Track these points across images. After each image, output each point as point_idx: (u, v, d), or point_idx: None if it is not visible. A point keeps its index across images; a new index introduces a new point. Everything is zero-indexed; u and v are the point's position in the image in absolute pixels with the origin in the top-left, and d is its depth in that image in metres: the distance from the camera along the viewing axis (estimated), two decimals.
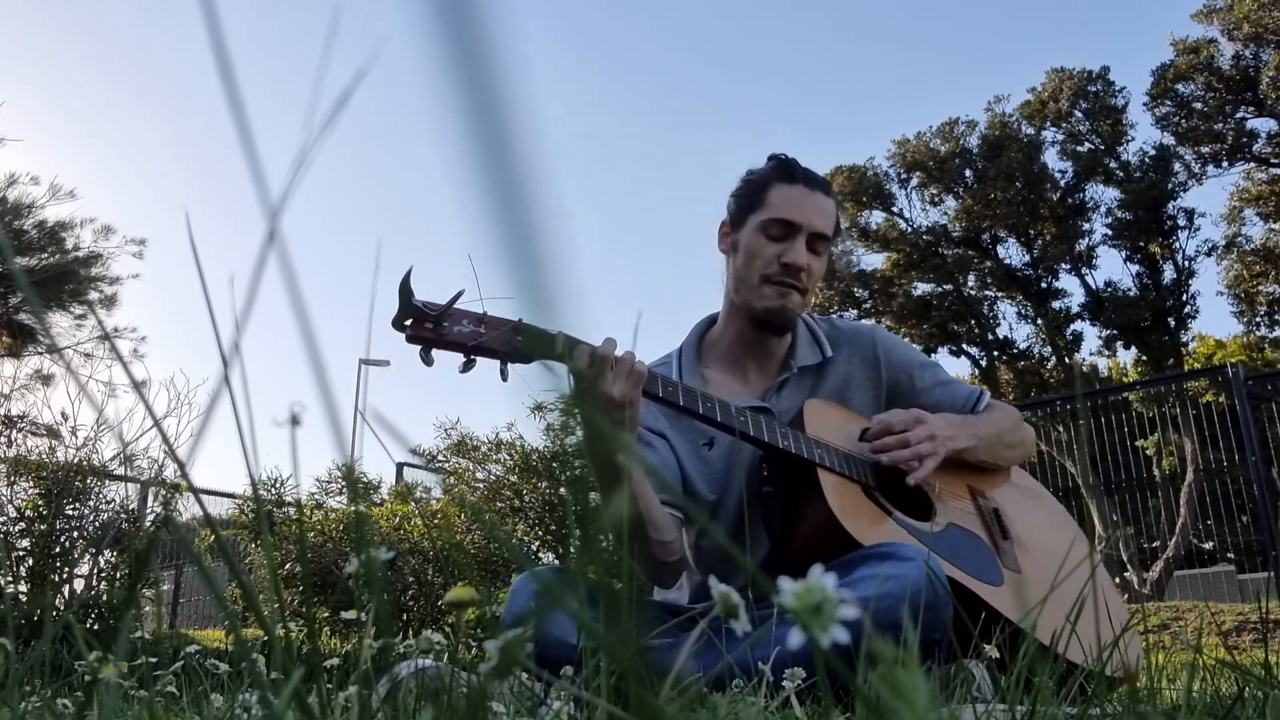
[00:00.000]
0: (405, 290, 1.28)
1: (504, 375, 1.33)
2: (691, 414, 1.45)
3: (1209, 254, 16.40)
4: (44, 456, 4.00)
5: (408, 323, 1.28)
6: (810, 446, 1.53)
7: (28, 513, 3.86)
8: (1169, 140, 16.34)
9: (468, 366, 1.31)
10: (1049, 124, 17.34)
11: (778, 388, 1.72)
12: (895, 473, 1.62)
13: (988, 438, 1.73)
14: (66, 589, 3.87)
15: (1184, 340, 16.76)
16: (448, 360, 1.31)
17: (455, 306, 1.30)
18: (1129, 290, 16.88)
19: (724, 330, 1.78)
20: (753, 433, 1.48)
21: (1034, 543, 1.73)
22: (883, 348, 1.78)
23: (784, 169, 1.70)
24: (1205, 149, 15.89)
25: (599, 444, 1.35)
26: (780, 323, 1.70)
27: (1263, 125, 15.65)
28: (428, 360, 1.29)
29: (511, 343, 1.32)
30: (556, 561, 4.75)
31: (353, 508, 4.88)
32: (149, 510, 4.20)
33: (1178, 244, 16.62)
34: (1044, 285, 17.56)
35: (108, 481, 4.13)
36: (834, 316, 1.90)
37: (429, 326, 1.29)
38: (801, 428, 1.59)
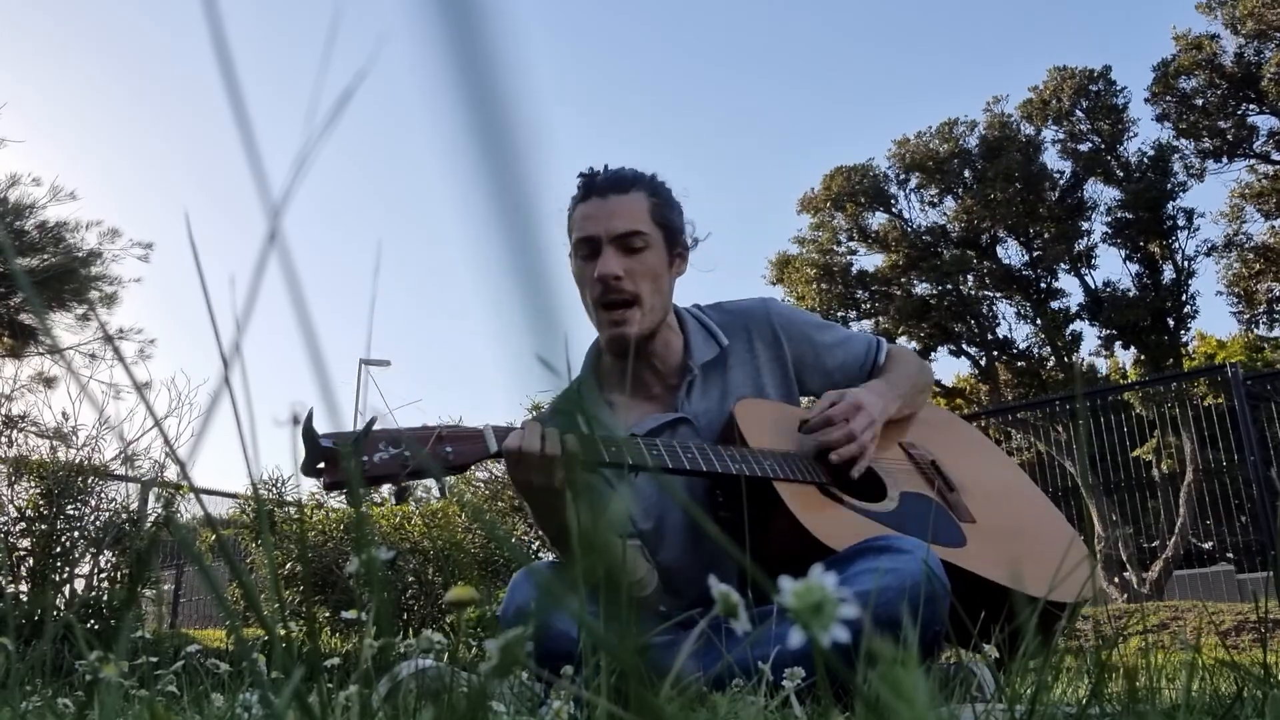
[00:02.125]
0: (310, 434, 1.14)
1: (443, 491, 1.28)
2: (648, 469, 1.41)
3: (1209, 254, 16.42)
4: (45, 456, 4.00)
5: (320, 467, 1.15)
6: (759, 461, 1.48)
7: (28, 513, 3.86)
8: (1169, 137, 16.36)
9: (403, 495, 1.21)
10: (1050, 123, 17.35)
11: (686, 392, 1.67)
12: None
13: (907, 393, 1.73)
14: (67, 589, 3.88)
15: (1184, 340, 16.77)
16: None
17: (371, 432, 1.17)
18: (1128, 290, 16.89)
19: (608, 360, 1.75)
20: (704, 467, 1.43)
21: (975, 484, 1.72)
22: (779, 322, 1.74)
23: (581, 188, 1.67)
24: (1206, 144, 15.90)
25: (550, 517, 1.36)
26: (623, 349, 1.64)
27: (1264, 122, 15.67)
28: (355, 500, 1.19)
29: (441, 456, 1.24)
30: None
31: (353, 508, 4.88)
32: (150, 510, 4.20)
33: (1177, 244, 16.63)
34: (1043, 285, 17.57)
35: (109, 481, 4.14)
36: (724, 301, 1.82)
37: (342, 469, 1.16)
38: (739, 435, 1.54)
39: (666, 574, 1.62)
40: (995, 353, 17.86)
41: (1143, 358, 16.79)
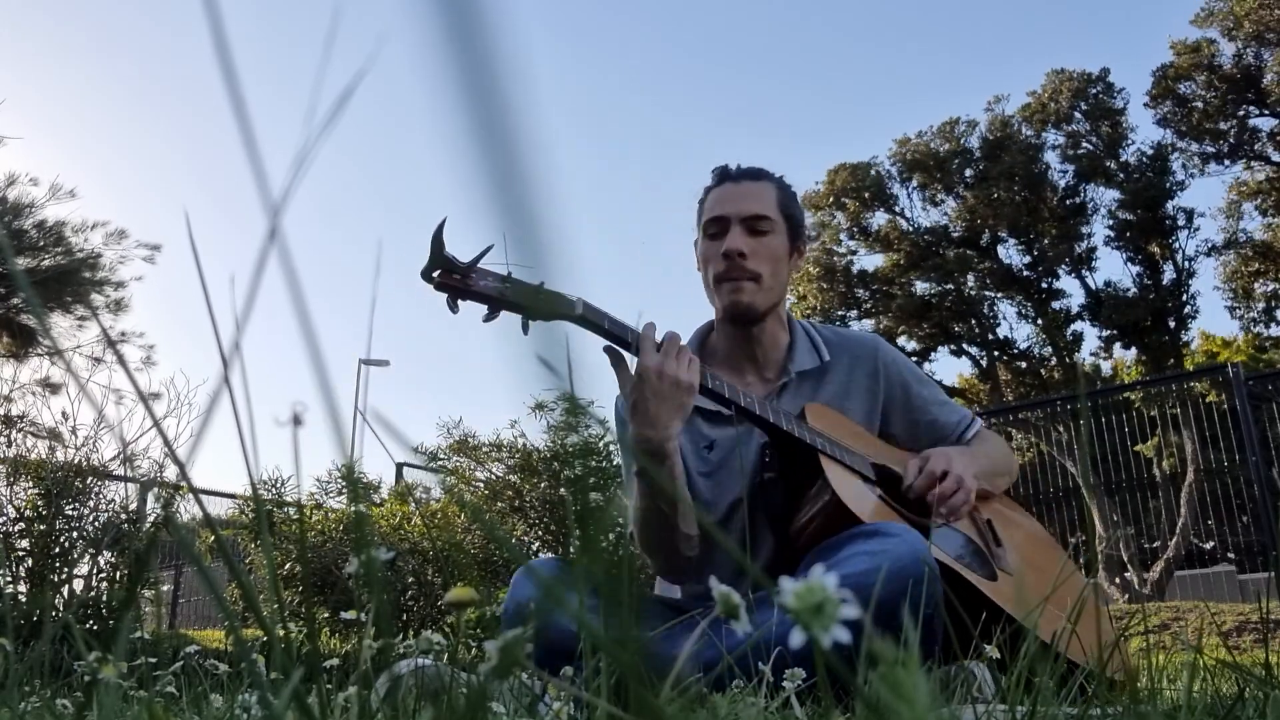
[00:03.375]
0: (438, 241, 1.33)
1: (525, 329, 1.39)
2: (726, 402, 1.53)
3: (1208, 253, 16.41)
4: (44, 457, 4.00)
5: (436, 273, 1.34)
6: (814, 435, 1.57)
7: (27, 513, 3.86)
8: (1169, 139, 16.36)
9: (491, 317, 1.37)
10: (1049, 126, 17.34)
11: (778, 391, 1.74)
12: (892, 476, 1.66)
13: (986, 471, 1.77)
14: (66, 589, 3.87)
15: (1185, 340, 16.76)
16: (471, 312, 1.38)
17: (482, 264, 1.36)
18: (1129, 290, 16.88)
19: (718, 337, 1.83)
20: (769, 417, 1.54)
21: (1023, 554, 1.78)
22: (884, 360, 1.80)
23: (717, 175, 1.79)
24: (1208, 147, 15.89)
25: (651, 430, 1.43)
26: (743, 314, 1.72)
27: (1264, 123, 15.66)
28: (454, 308, 1.35)
29: (534, 299, 1.36)
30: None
31: (353, 508, 4.88)
32: (149, 511, 4.19)
33: (1177, 244, 16.63)
34: (1044, 286, 17.57)
35: (108, 482, 4.13)
36: (839, 325, 1.93)
37: (457, 277, 1.34)
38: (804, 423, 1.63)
39: (711, 547, 1.67)
40: (996, 353, 17.86)
41: (1143, 358, 16.79)
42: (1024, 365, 17.70)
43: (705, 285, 1.78)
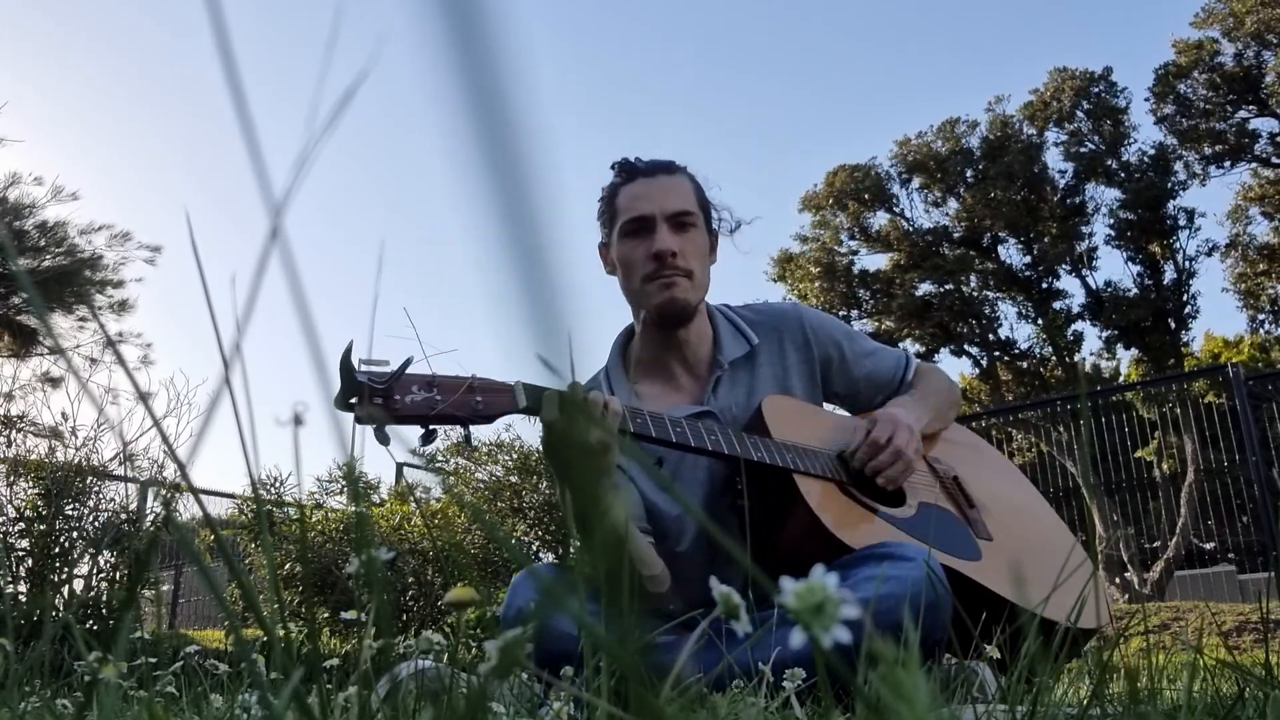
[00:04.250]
0: (347, 366, 1.16)
1: (468, 440, 1.27)
2: (664, 444, 1.40)
3: (1210, 254, 16.41)
4: (44, 457, 4.00)
5: (353, 401, 1.17)
6: (783, 453, 1.50)
7: (27, 513, 3.86)
8: (1171, 140, 16.34)
9: (428, 439, 1.20)
10: (1051, 125, 17.34)
11: (713, 387, 1.68)
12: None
13: (937, 409, 1.76)
14: (66, 589, 3.87)
15: (1185, 340, 16.75)
16: (405, 433, 1.21)
17: (405, 373, 1.18)
18: (1129, 290, 16.87)
19: (641, 342, 1.75)
20: (725, 450, 1.44)
21: (995, 503, 1.76)
22: (810, 326, 1.75)
23: (622, 170, 1.70)
24: (1207, 150, 15.88)
25: (578, 493, 1.32)
26: (677, 313, 1.65)
27: (1265, 125, 15.65)
28: (382, 439, 1.15)
29: (469, 404, 1.24)
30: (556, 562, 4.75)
31: (353, 508, 4.88)
32: (149, 510, 4.19)
33: (1178, 244, 16.62)
34: (1045, 286, 17.56)
35: (108, 482, 4.13)
36: (754, 302, 1.85)
37: (378, 402, 1.17)
38: (765, 429, 1.55)
39: (680, 563, 1.62)
40: (997, 353, 17.85)
41: (1144, 358, 16.78)
42: (1024, 365, 17.70)
43: (625, 289, 1.70)
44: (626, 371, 1.75)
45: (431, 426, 1.21)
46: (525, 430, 5.22)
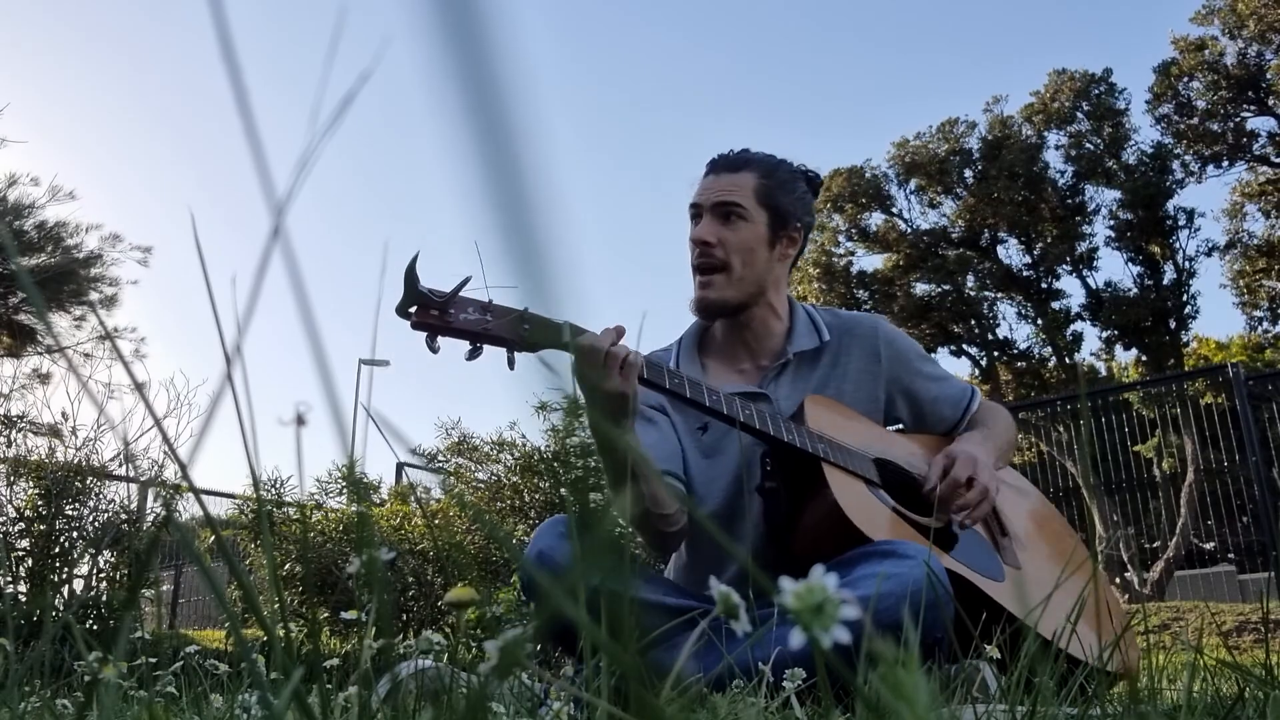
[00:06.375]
0: (410, 276, 1.25)
1: (511, 364, 1.32)
2: (694, 405, 1.45)
3: (1209, 253, 16.40)
4: (44, 457, 4.00)
5: (412, 309, 1.26)
6: (814, 440, 1.53)
7: (27, 513, 3.86)
8: (1169, 141, 16.34)
9: (474, 354, 1.29)
10: (1051, 126, 17.33)
11: (775, 374, 1.73)
12: (897, 473, 1.64)
13: (1000, 449, 1.77)
14: (66, 589, 3.87)
15: (1185, 341, 16.75)
16: (452, 350, 1.30)
17: (460, 294, 1.27)
18: (1129, 290, 16.87)
19: (718, 324, 1.82)
20: (757, 425, 1.48)
21: (1031, 541, 1.76)
22: (884, 339, 1.78)
23: (707, 165, 1.78)
24: (1206, 150, 15.88)
25: (598, 432, 1.37)
26: (707, 310, 1.72)
27: (1263, 124, 15.65)
28: (433, 347, 1.26)
29: (518, 331, 1.31)
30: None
31: (354, 508, 4.88)
32: (149, 510, 4.19)
33: (1178, 244, 16.61)
34: (1044, 286, 17.56)
35: (108, 481, 4.13)
36: (838, 309, 1.90)
37: (434, 314, 1.26)
38: (804, 424, 1.59)
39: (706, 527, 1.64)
40: (996, 353, 17.85)
41: (1144, 358, 16.78)
42: (1024, 365, 17.69)
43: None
44: (700, 346, 1.83)
45: (479, 344, 1.29)
46: (528, 429, 5.22)
